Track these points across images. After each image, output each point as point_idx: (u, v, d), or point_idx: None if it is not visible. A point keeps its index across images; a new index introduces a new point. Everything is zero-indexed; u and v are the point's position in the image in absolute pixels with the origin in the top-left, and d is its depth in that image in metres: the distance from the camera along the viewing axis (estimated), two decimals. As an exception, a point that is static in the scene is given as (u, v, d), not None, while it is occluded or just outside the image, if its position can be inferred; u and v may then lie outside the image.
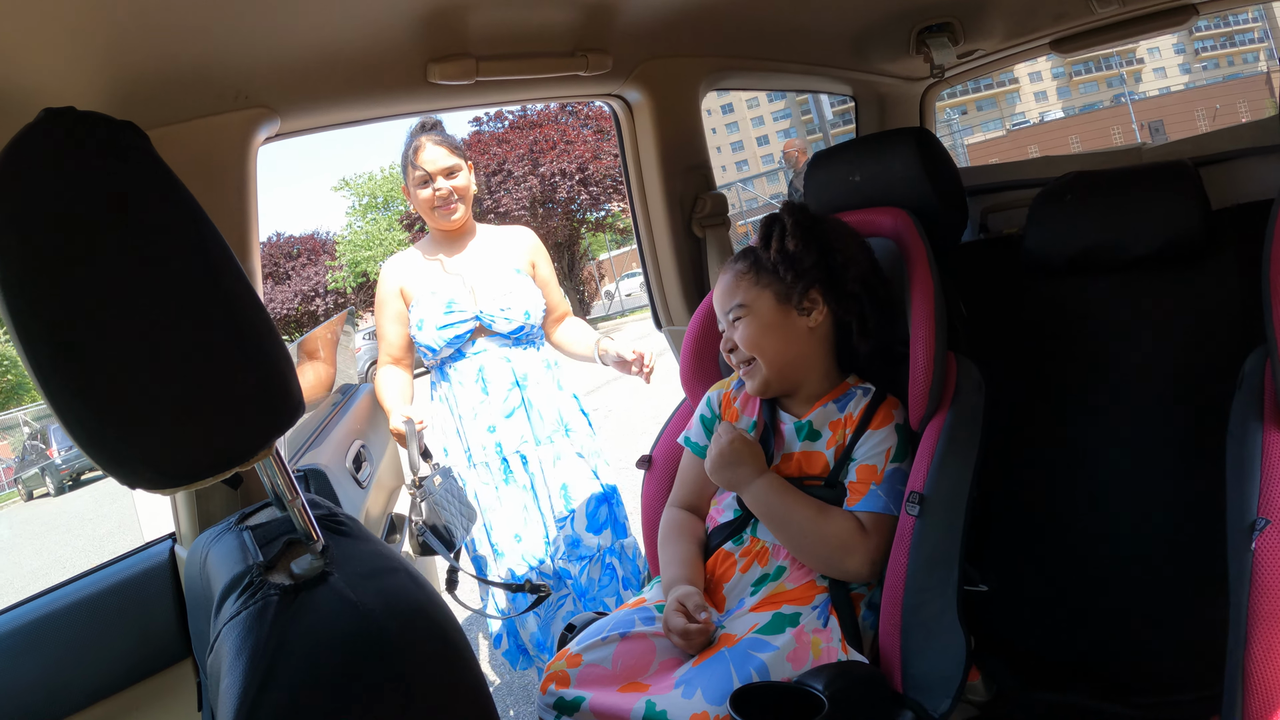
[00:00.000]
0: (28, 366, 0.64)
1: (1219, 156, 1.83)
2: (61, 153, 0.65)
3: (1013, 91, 53.76)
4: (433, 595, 0.72)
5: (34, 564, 9.94)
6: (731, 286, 1.45)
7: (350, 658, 0.63)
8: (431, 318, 2.25)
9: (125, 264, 0.65)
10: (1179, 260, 1.56)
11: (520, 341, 2.31)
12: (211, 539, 0.94)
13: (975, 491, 1.31)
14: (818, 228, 1.43)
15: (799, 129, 55.15)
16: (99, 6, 0.98)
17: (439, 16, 1.33)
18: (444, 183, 2.24)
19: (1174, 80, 49.50)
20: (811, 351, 1.44)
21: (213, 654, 0.67)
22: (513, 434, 2.27)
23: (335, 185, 34.26)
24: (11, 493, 21.14)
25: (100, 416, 0.64)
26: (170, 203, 0.69)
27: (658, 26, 1.71)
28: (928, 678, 1.23)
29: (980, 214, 2.23)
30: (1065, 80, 52.40)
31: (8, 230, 0.63)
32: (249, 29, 1.17)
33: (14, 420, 25.24)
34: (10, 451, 23.91)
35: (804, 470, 1.42)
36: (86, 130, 0.67)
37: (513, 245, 2.38)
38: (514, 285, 2.28)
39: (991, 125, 50.94)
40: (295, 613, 0.66)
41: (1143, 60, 50.72)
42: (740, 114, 57.52)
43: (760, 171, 35.06)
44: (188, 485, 0.67)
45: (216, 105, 1.26)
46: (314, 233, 28.76)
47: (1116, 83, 50.11)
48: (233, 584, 0.72)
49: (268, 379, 0.70)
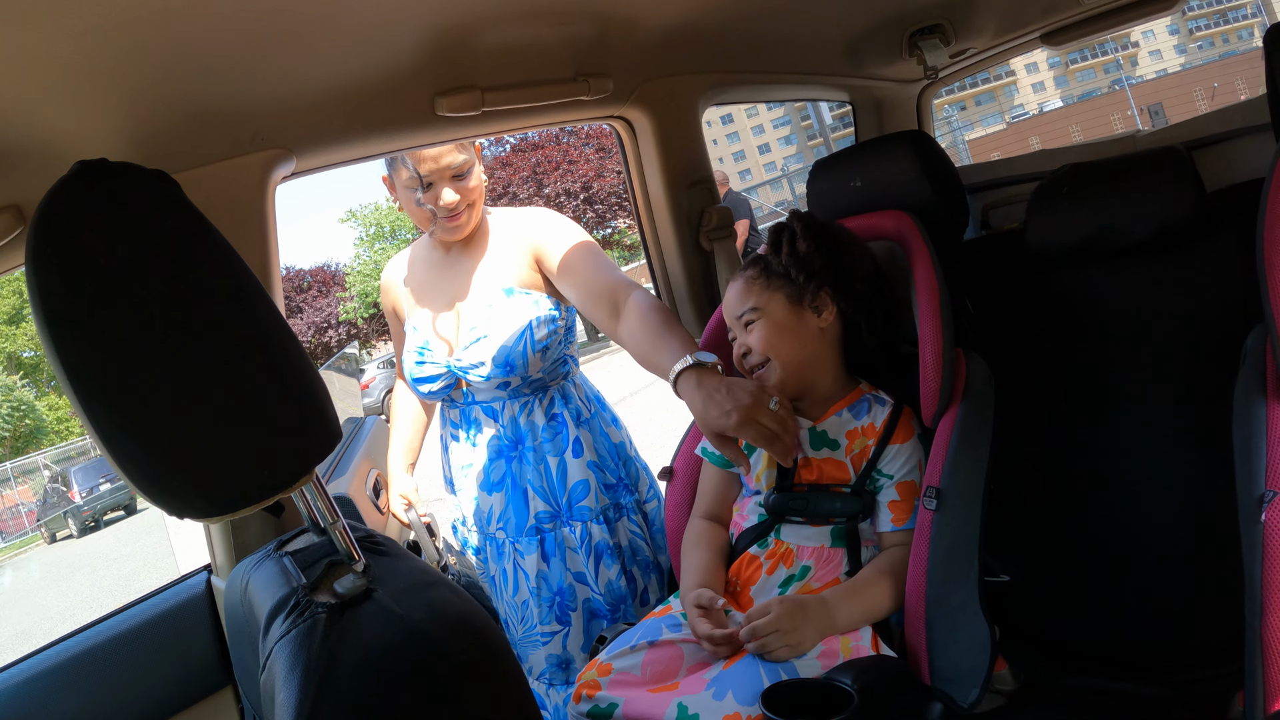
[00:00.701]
0: (76, 406, 0.68)
1: (1211, 139, 1.86)
2: (99, 203, 0.69)
3: (1010, 84, 53.86)
4: (475, 606, 0.75)
5: (60, 605, 10.03)
6: (743, 292, 1.47)
7: (400, 668, 0.65)
8: (407, 364, 1.88)
9: (166, 305, 0.69)
10: (1177, 244, 1.59)
11: (517, 393, 1.83)
12: (251, 566, 0.98)
13: (990, 484, 1.34)
14: (825, 231, 1.48)
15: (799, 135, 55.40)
16: (121, 58, 1.02)
17: (445, 51, 1.38)
18: (450, 193, 1.74)
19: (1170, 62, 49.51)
20: (824, 352, 1.46)
21: (265, 672, 0.70)
22: (492, 514, 1.86)
23: (342, 217, 34.52)
24: (34, 536, 21.30)
25: (149, 449, 0.68)
26: (205, 246, 0.73)
27: (655, 48, 1.74)
28: (955, 669, 1.25)
29: (981, 210, 2.26)
30: (1062, 69, 52.50)
31: (52, 278, 0.67)
32: (264, 74, 1.22)
33: (34, 464, 25.48)
34: (31, 495, 24.10)
35: (827, 477, 1.43)
36: (120, 181, 0.71)
37: (511, 247, 1.85)
38: (494, 320, 1.76)
39: (991, 119, 50.99)
40: (344, 628, 0.69)
41: (1138, 44, 50.78)
42: (740, 124, 57.78)
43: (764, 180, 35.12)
44: (235, 512, 0.71)
45: (235, 148, 1.31)
46: (324, 265, 29.15)
47: (1113, 68, 50.20)
48: (279, 606, 0.75)
49: (306, 408, 0.73)
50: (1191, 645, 1.45)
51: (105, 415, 0.67)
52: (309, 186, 71.97)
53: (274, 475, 0.72)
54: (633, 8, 1.53)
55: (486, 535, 1.87)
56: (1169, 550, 1.52)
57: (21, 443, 29.33)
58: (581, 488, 1.83)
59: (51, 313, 0.66)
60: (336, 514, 0.79)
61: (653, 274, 2.06)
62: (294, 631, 0.70)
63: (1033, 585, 1.58)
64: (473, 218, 1.82)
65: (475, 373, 1.77)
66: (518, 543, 1.82)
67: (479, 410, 1.85)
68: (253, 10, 1.03)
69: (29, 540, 21.33)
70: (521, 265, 1.82)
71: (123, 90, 1.10)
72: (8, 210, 1.15)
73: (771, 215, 21.44)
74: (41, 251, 0.67)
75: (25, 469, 25.41)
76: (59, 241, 0.67)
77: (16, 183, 1.15)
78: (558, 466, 1.82)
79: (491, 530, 1.86)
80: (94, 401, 0.66)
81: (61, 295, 0.66)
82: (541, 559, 1.81)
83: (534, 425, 1.83)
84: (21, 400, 30.00)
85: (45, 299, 0.66)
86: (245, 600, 0.94)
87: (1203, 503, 1.48)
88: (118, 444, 0.67)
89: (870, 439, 1.42)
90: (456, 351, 1.80)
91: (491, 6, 1.31)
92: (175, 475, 0.68)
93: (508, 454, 1.83)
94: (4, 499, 24.11)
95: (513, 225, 1.87)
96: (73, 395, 0.67)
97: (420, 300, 1.90)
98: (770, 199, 23.72)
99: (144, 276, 0.69)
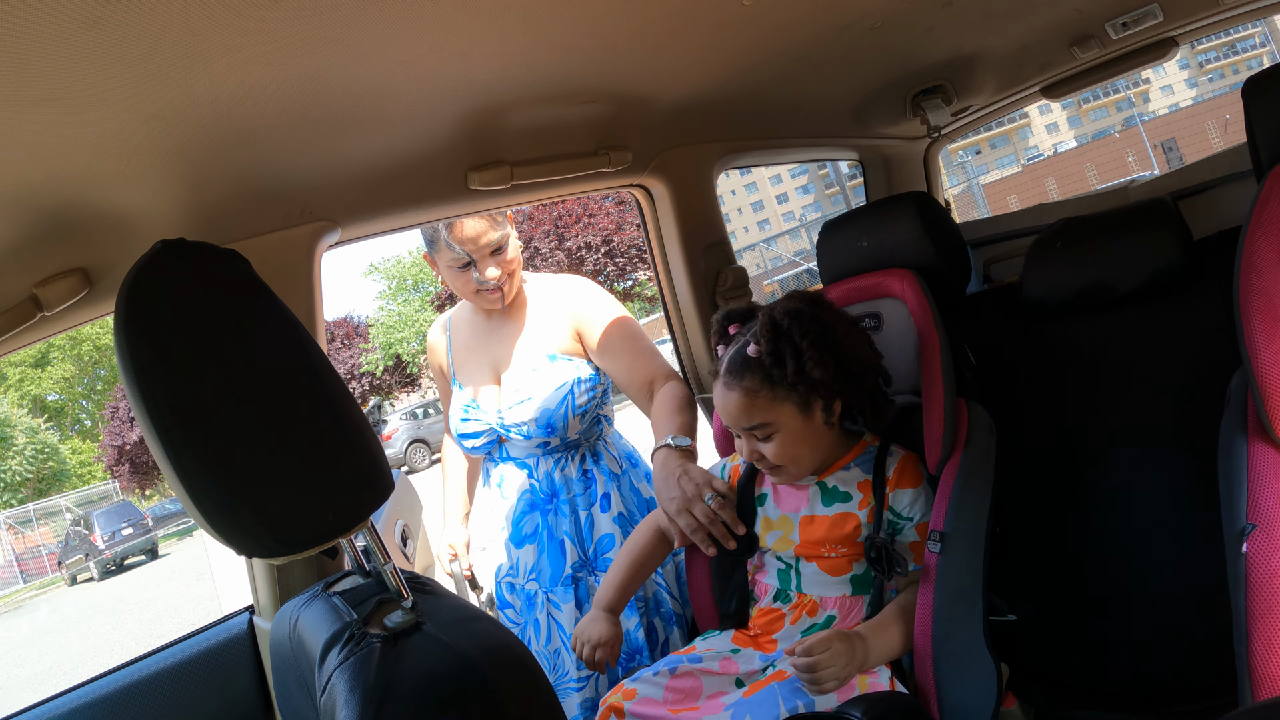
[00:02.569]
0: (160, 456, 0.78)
1: (1198, 187, 1.95)
2: (181, 278, 0.81)
3: (1024, 126, 54.01)
4: (515, 639, 0.84)
5: (81, 647, 10.05)
6: (745, 407, 1.39)
7: (451, 692, 0.73)
8: (454, 420, 1.96)
9: (244, 369, 0.80)
10: (1167, 292, 1.66)
11: (552, 450, 1.91)
12: (300, 606, 1.06)
13: (994, 527, 1.40)
14: (829, 338, 1.38)
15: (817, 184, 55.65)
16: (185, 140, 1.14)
17: (476, 130, 1.49)
18: (491, 270, 1.82)
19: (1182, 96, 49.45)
20: (832, 437, 1.48)
21: (325, 695, 0.79)
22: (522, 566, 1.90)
23: (365, 270, 34.98)
24: (55, 578, 21.38)
25: (228, 492, 0.78)
26: (274, 315, 0.84)
27: (670, 121, 1.85)
28: (964, 705, 1.30)
29: (983, 265, 2.34)
30: (1075, 109, 52.57)
31: (140, 344, 0.78)
32: (313, 154, 1.33)
33: (56, 506, 25.64)
34: (53, 537, 24.22)
35: (832, 533, 1.45)
36: (199, 258, 0.83)
37: (552, 317, 1.93)
38: (537, 384, 1.86)
39: (1006, 161, 51.06)
40: (398, 656, 0.77)
41: (1149, 80, 50.78)
42: (758, 174, 58.14)
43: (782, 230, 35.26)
44: (303, 552, 0.81)
45: (286, 221, 1.43)
46: (347, 316, 29.46)
47: (1125, 106, 50.22)
48: (334, 639, 0.84)
49: (364, 459, 0.84)
50: (1191, 677, 1.50)
51: (190, 465, 0.77)
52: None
53: (338, 520, 0.83)
54: (649, 86, 1.64)
55: (517, 588, 1.92)
56: (1167, 586, 1.57)
57: (44, 485, 29.57)
58: (608, 540, 1.89)
59: (141, 375, 0.77)
60: (388, 555, 0.89)
61: (671, 332, 2.16)
62: (352, 659, 0.78)
63: (1039, 624, 1.63)
64: (513, 287, 1.91)
65: (517, 431, 1.86)
66: (551, 592, 1.87)
67: (514, 465, 1.94)
68: (303, 98, 1.14)
69: (50, 582, 21.43)
70: (563, 334, 1.92)
71: (185, 169, 1.21)
72: (76, 273, 1.27)
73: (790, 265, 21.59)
74: (130, 320, 0.78)
75: (48, 510, 25.61)
76: (145, 311, 0.79)
77: (86, 249, 1.27)
78: (586, 519, 1.90)
79: (522, 583, 1.90)
80: (178, 452, 0.77)
81: (150, 360, 0.78)
82: (576, 607, 1.85)
83: (568, 479, 1.91)
84: (45, 443, 30.30)
85: (135, 363, 0.77)
86: (294, 636, 1.02)
87: (1198, 543, 1.53)
88: (200, 489, 0.78)
89: (888, 488, 1.46)
90: (501, 411, 1.89)
91: (519, 89, 1.42)
92: (251, 518, 0.79)
93: (543, 507, 1.90)
94: (26, 540, 24.26)
95: (553, 294, 1.98)
96: (158, 448, 0.78)
97: (466, 361, 2.00)
98: (789, 248, 23.84)
99: (222, 343, 0.80)
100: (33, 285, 1.25)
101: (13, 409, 30.72)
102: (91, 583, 18.52)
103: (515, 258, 1.88)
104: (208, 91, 1.02)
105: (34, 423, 30.55)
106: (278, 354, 0.83)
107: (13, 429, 29.28)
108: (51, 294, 1.25)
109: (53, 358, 34.02)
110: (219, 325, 0.81)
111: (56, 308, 1.27)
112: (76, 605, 15.20)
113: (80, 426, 35.05)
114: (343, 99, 1.20)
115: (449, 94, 1.32)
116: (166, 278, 0.81)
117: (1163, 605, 1.57)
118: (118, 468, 27.91)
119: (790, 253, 22.80)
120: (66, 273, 1.27)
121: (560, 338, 1.92)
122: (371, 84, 1.17)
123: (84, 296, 1.29)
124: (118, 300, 0.79)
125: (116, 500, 24.95)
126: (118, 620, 11.32)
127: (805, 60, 1.78)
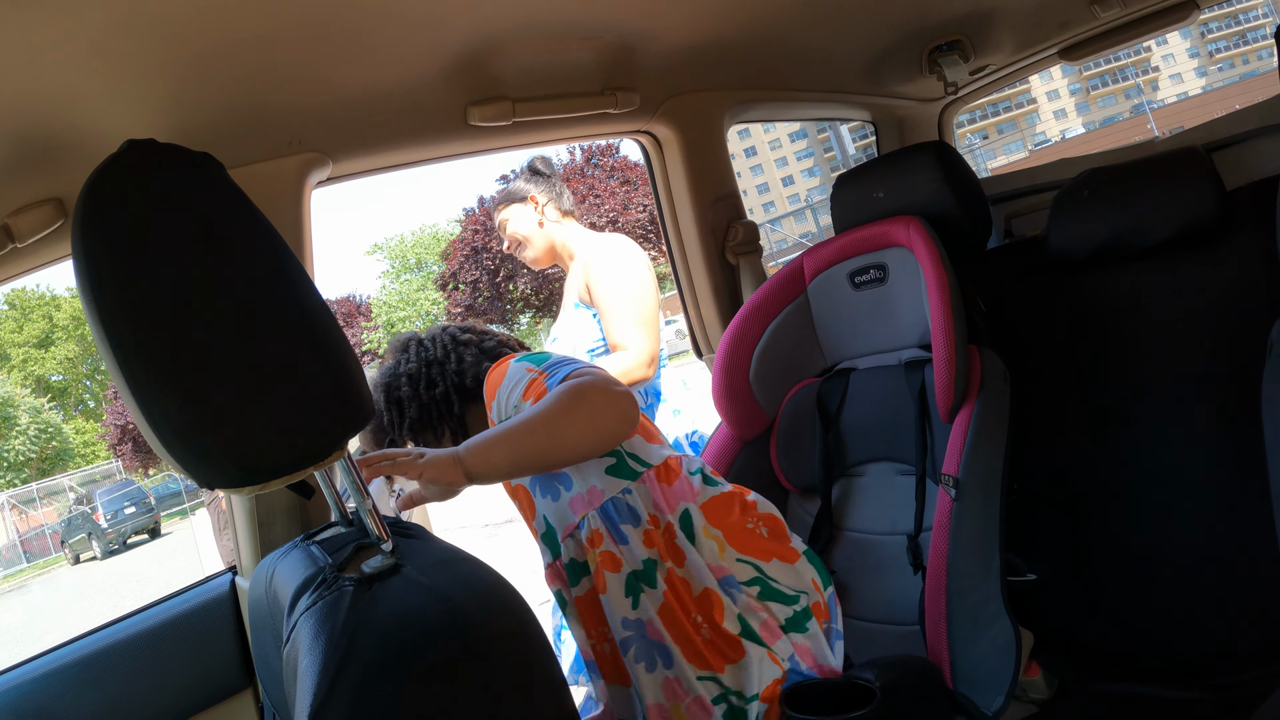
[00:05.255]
0: (112, 367, 0.69)
1: (1229, 140, 1.86)
2: (146, 177, 0.71)
3: (1032, 112, 53.71)
4: (503, 579, 0.74)
5: (84, 625, 10.06)
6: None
7: (429, 636, 0.64)
8: None
9: (207, 275, 0.70)
10: (1199, 243, 1.59)
11: None
12: (277, 558, 0.98)
13: (1010, 480, 1.34)
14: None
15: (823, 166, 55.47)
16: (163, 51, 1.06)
17: (477, 61, 1.41)
18: (505, 239, 2.26)
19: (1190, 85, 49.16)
20: None
21: (289, 644, 0.70)
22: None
23: (368, 249, 35.00)
24: (58, 556, 21.44)
25: (185, 413, 0.68)
26: (247, 222, 0.75)
27: (681, 63, 1.77)
28: (979, 671, 1.24)
29: (1004, 220, 2.26)
30: (1083, 96, 52.31)
31: (97, 247, 0.68)
32: (301, 77, 1.25)
33: (60, 486, 25.69)
34: (56, 516, 24.29)
35: None
36: (167, 159, 0.73)
37: (579, 270, 2.18)
38: (566, 327, 2.15)
39: (1014, 147, 50.87)
40: (371, 599, 0.68)
41: (1158, 68, 50.53)
42: (764, 156, 57.97)
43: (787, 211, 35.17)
44: (268, 483, 0.71)
45: (273, 150, 1.34)
46: (349, 295, 29.37)
47: (1134, 93, 49.91)
48: (305, 584, 0.76)
49: (341, 382, 0.74)
50: (1229, 649, 1.43)
51: (141, 376, 0.68)
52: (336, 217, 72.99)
53: (309, 446, 0.72)
54: (659, 22, 1.57)
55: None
56: (1202, 553, 1.50)
57: (48, 464, 29.64)
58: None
59: (94, 275, 0.68)
60: (366, 492, 0.79)
61: (679, 290, 2.08)
62: (319, 604, 0.70)
63: (1064, 590, 1.57)
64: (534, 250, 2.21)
65: None
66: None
67: None
68: (289, 13, 1.06)
69: (53, 561, 21.47)
70: (583, 286, 2.12)
71: (166, 88, 1.13)
72: (50, 203, 1.19)
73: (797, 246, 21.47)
74: (88, 219, 0.68)
75: (51, 490, 25.62)
76: (105, 210, 0.69)
77: (59, 175, 1.19)
78: None
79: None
80: (130, 361, 0.68)
81: (106, 265, 0.68)
82: None
83: None
84: (49, 423, 30.35)
85: (89, 267, 0.68)
86: (270, 590, 0.94)
87: (1235, 502, 1.47)
88: (152, 405, 0.68)
89: None
90: (550, 345, 2.17)
91: (523, 19, 1.35)
92: (209, 439, 0.68)
93: None
94: (29, 520, 24.32)
95: (587, 250, 2.15)
96: (109, 355, 0.68)
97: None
98: (795, 230, 23.73)
99: (186, 247, 0.70)
100: (4, 216, 1.18)
101: (16, 389, 30.77)
102: (95, 562, 18.54)
103: (515, 230, 2.21)
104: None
105: (37, 402, 30.59)
106: (252, 267, 0.73)
107: (16, 409, 29.32)
108: (23, 224, 1.18)
109: (57, 338, 34.04)
110: (187, 232, 0.71)
111: (29, 239, 1.20)
112: (79, 584, 15.21)
113: (84, 406, 35.06)
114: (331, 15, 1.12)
115: (449, 17, 1.25)
116: (132, 178, 0.71)
117: (1197, 572, 1.50)
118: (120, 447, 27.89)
119: (795, 234, 22.65)
120: (39, 202, 1.19)
121: (581, 289, 2.12)
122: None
123: (59, 229, 1.22)
124: (77, 200, 0.70)
125: (119, 479, 24.96)
126: (119, 598, 11.31)
127: (819, 3, 1.70)
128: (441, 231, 31.76)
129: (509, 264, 22.62)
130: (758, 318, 1.70)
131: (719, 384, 1.71)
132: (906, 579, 1.46)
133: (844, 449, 1.66)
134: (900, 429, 1.57)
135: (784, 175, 58.55)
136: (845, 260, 1.68)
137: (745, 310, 1.71)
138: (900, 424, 1.57)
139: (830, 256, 1.70)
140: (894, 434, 1.59)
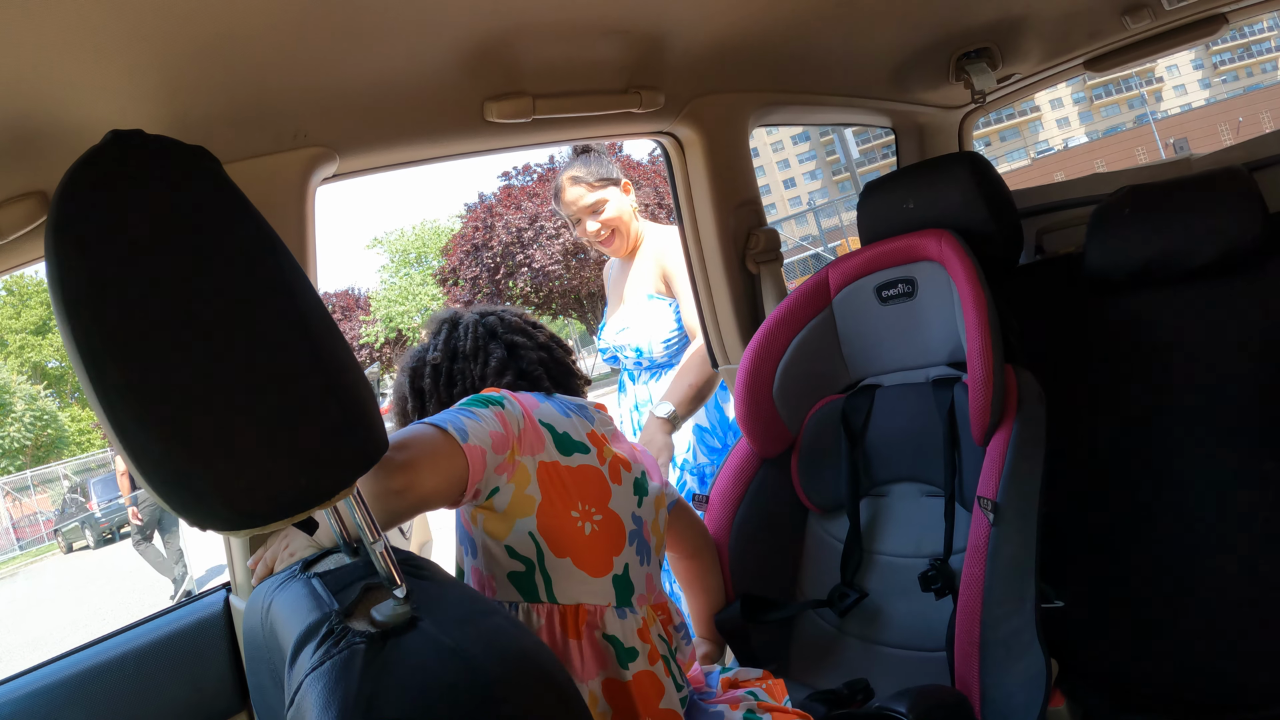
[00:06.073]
0: (90, 394, 0.61)
1: (1271, 160, 1.80)
2: (129, 175, 0.63)
3: (1035, 120, 53.76)
4: (535, 639, 0.67)
5: (75, 614, 10.01)
6: None
7: (454, 707, 0.57)
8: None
9: (198, 288, 0.62)
10: (1242, 266, 1.54)
11: (655, 370, 2.24)
12: (274, 587, 0.90)
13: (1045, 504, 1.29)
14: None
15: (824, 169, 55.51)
16: (160, 36, 0.98)
17: (494, 55, 1.34)
18: (590, 225, 2.19)
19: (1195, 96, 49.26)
20: None
21: (293, 709, 0.62)
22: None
23: (368, 243, 35.02)
24: (51, 545, 21.37)
25: (168, 446, 0.60)
26: (244, 227, 0.66)
27: (708, 62, 1.71)
28: (1010, 703, 1.19)
29: (1035, 235, 2.21)
30: (1086, 105, 52.40)
31: (70, 250, 0.60)
32: (308, 67, 1.18)
33: (54, 474, 25.61)
34: (50, 504, 24.23)
35: None
36: (155, 153, 0.65)
37: (651, 262, 2.24)
38: (636, 317, 2.21)
39: (1016, 154, 50.90)
40: (386, 662, 0.60)
41: (1162, 79, 50.64)
42: (766, 158, 57.89)
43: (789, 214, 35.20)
44: (265, 526, 0.63)
45: (276, 144, 1.26)
46: (349, 289, 29.47)
47: (1137, 103, 50.05)
48: (308, 633, 0.67)
49: (351, 411, 0.66)
50: (1260, 683, 1.39)
51: (122, 407, 0.59)
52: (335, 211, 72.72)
53: (312, 485, 0.64)
54: (685, 19, 1.50)
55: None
56: (1236, 587, 1.46)
57: (43, 452, 29.52)
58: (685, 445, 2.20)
59: (71, 296, 0.59)
60: (378, 532, 0.71)
61: (696, 297, 2.01)
62: (328, 664, 0.61)
63: (1093, 619, 1.53)
64: (625, 238, 2.23)
65: (619, 352, 2.27)
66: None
67: (627, 376, 2.34)
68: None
69: (45, 549, 21.39)
70: (656, 277, 2.22)
71: (161, 76, 1.06)
72: (34, 196, 1.11)
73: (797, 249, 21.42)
74: (62, 223, 0.60)
75: (45, 478, 25.51)
76: (80, 211, 0.60)
77: (44, 168, 1.10)
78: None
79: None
80: (110, 390, 0.59)
81: (80, 271, 0.60)
82: None
83: (651, 394, 2.24)
84: (44, 410, 30.22)
85: (62, 273, 0.60)
86: (267, 624, 0.85)
87: (1273, 536, 1.42)
88: (135, 440, 0.59)
89: None
90: (616, 335, 2.26)
91: (543, 11, 1.28)
92: (195, 477, 0.60)
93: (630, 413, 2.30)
94: (23, 507, 24.24)
95: (655, 241, 2.27)
96: (87, 382, 0.60)
97: (610, 293, 2.40)
98: (795, 233, 23.68)
99: (174, 257, 0.62)
100: None
101: (12, 375, 30.66)
102: (87, 550, 18.46)
103: (617, 215, 2.19)
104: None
105: (33, 389, 30.47)
106: (245, 272, 0.64)
107: (11, 395, 29.20)
108: (6, 219, 1.10)
109: (52, 324, 33.90)
110: (176, 239, 0.62)
111: (11, 235, 1.11)
112: (71, 573, 15.14)
113: (80, 394, 34.95)
114: (342, 3, 1.05)
115: (468, 4, 1.18)
116: (113, 176, 0.62)
117: (1230, 606, 1.46)
118: (115, 436, 27.91)
119: (797, 237, 22.59)
120: (22, 196, 1.11)
121: (655, 280, 2.22)
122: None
123: (43, 224, 1.13)
124: (52, 200, 0.61)
125: (114, 469, 24.91)
126: (112, 588, 11.24)
127: (849, 3, 1.65)
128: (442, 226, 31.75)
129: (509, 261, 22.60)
130: (782, 331, 1.64)
131: (742, 400, 1.64)
132: (930, 603, 1.42)
133: (870, 468, 1.61)
134: (927, 449, 1.52)
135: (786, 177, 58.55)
136: (872, 274, 1.62)
137: (769, 324, 1.64)
138: (927, 444, 1.52)
139: (857, 269, 1.63)
140: (920, 454, 1.54)
